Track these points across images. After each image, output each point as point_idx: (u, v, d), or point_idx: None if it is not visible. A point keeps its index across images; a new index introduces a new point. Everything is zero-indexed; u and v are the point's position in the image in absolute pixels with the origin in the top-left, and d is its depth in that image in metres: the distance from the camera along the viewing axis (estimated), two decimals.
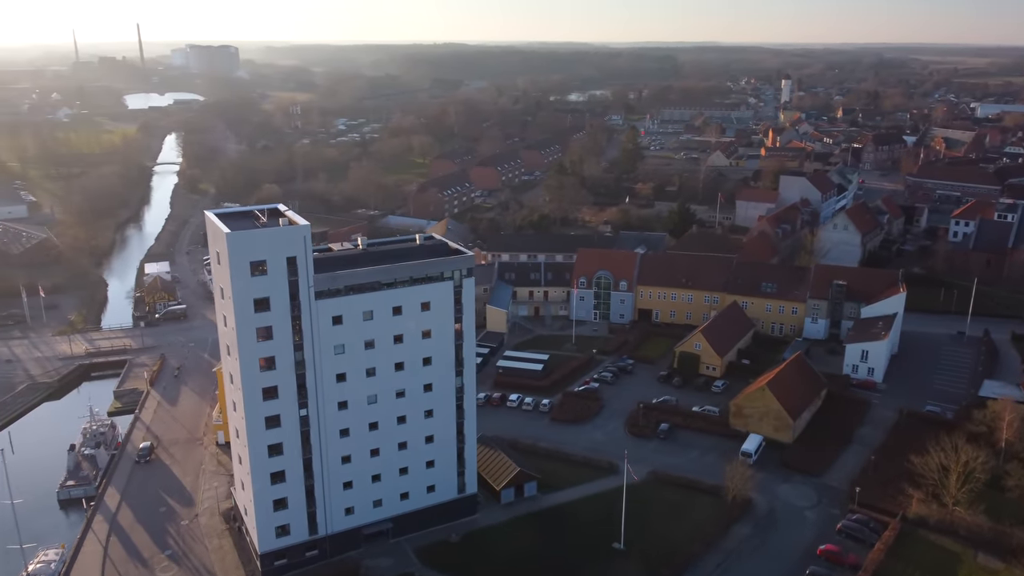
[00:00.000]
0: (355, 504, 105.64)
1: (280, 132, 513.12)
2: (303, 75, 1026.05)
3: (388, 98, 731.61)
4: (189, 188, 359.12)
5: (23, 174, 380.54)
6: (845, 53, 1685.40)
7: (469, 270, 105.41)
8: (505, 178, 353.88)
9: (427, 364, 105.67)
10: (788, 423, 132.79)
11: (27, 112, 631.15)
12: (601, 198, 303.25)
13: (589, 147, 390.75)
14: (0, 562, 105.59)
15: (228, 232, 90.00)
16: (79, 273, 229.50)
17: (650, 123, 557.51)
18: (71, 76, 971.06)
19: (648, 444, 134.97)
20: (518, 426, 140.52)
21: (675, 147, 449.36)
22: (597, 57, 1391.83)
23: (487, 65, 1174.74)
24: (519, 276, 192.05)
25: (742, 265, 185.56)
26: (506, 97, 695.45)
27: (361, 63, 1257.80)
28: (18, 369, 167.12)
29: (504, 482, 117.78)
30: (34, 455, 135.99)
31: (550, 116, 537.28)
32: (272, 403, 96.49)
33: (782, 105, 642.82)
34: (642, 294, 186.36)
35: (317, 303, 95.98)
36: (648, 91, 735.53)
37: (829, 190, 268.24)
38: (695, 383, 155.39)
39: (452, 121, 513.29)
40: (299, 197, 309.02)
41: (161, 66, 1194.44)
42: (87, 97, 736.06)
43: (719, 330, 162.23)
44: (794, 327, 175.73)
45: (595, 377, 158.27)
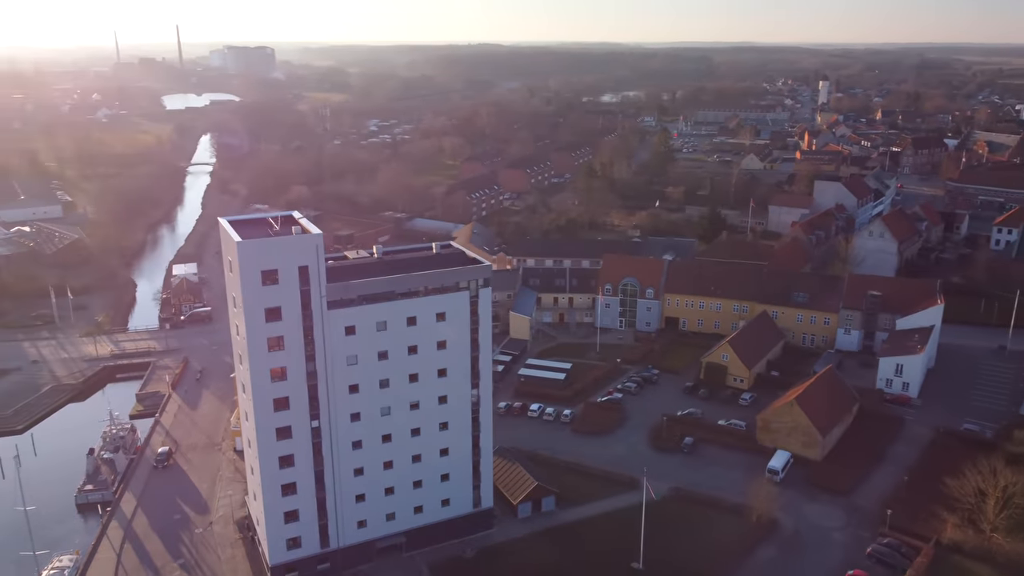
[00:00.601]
0: (368, 517, 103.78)
1: (313, 133, 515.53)
2: (338, 76, 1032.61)
3: (421, 99, 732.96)
4: (221, 189, 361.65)
5: (60, 174, 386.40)
6: (886, 53, 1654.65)
7: (486, 280, 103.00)
8: (534, 180, 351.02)
9: (442, 376, 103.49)
10: (817, 440, 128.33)
11: (68, 112, 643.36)
12: (631, 202, 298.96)
13: (620, 149, 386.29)
14: (15, 568, 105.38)
15: (239, 241, 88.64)
16: (109, 274, 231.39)
17: (683, 125, 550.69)
18: (112, 77, 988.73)
19: (671, 459, 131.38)
20: (538, 437, 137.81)
21: (708, 149, 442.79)
22: (631, 58, 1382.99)
23: (520, 66, 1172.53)
24: (544, 282, 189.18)
25: (773, 273, 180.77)
26: (538, 98, 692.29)
27: (396, 64, 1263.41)
28: (44, 370, 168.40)
29: (521, 496, 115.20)
30: (55, 457, 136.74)
31: (582, 118, 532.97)
32: (283, 414, 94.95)
33: (819, 107, 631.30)
34: (669, 302, 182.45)
35: (330, 313, 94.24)
36: (682, 92, 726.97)
37: (865, 195, 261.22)
38: (722, 395, 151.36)
39: (483, 123, 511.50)
40: (328, 199, 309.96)
41: (199, 67, 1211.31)
42: (126, 98, 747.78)
43: (747, 341, 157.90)
44: (826, 338, 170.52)
45: (619, 387, 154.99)
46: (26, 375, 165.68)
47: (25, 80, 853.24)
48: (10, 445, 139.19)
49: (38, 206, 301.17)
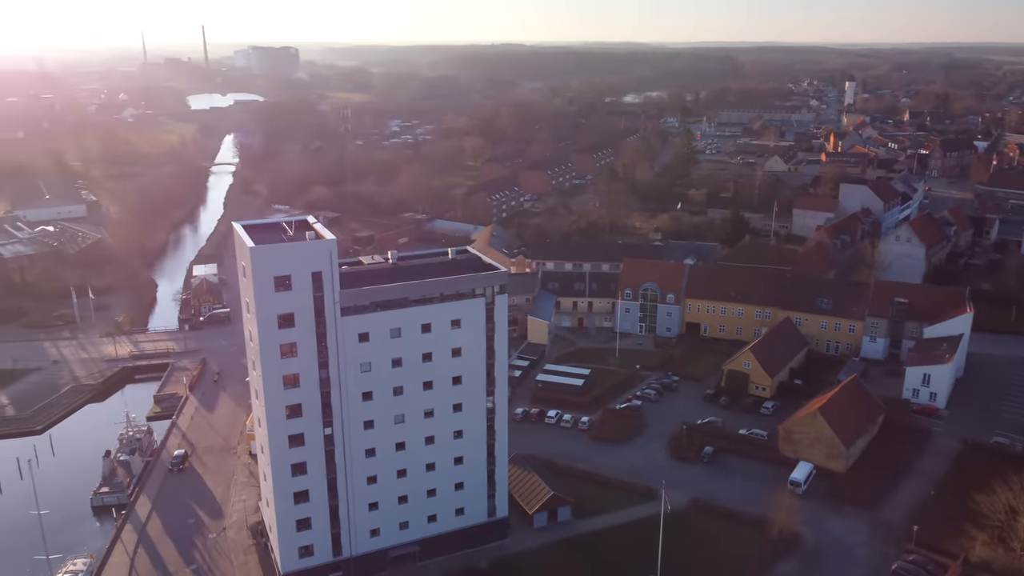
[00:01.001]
0: (381, 526, 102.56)
1: (335, 133, 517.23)
2: (361, 76, 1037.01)
3: (442, 99, 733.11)
4: (242, 189, 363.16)
5: (86, 173, 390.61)
6: (914, 53, 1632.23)
7: (502, 286, 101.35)
8: (555, 182, 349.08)
9: (457, 383, 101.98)
10: (841, 451, 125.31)
11: (95, 112, 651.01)
12: (652, 204, 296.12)
13: (642, 151, 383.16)
14: (29, 572, 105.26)
15: (252, 246, 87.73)
16: (130, 274, 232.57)
17: (706, 126, 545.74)
18: (138, 77, 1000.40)
19: (691, 468, 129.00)
20: (555, 444, 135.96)
21: (731, 151, 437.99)
22: (655, 58, 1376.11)
23: (542, 66, 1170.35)
24: (563, 286, 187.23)
25: (797, 278, 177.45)
26: (560, 98, 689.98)
27: (418, 64, 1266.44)
28: (64, 370, 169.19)
29: (537, 506, 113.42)
30: (72, 459, 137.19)
31: (603, 118, 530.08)
32: (296, 421, 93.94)
33: (845, 108, 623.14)
34: (690, 307, 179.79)
35: (343, 320, 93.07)
36: (705, 93, 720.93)
37: (892, 199, 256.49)
38: (743, 403, 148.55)
39: (504, 123, 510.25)
40: (348, 199, 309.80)
41: (224, 67, 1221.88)
42: (152, 97, 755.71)
43: (770, 348, 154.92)
44: (851, 346, 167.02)
45: (638, 394, 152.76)
46: (46, 375, 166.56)
47: (53, 80, 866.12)
48: (29, 446, 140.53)
49: (63, 205, 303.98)
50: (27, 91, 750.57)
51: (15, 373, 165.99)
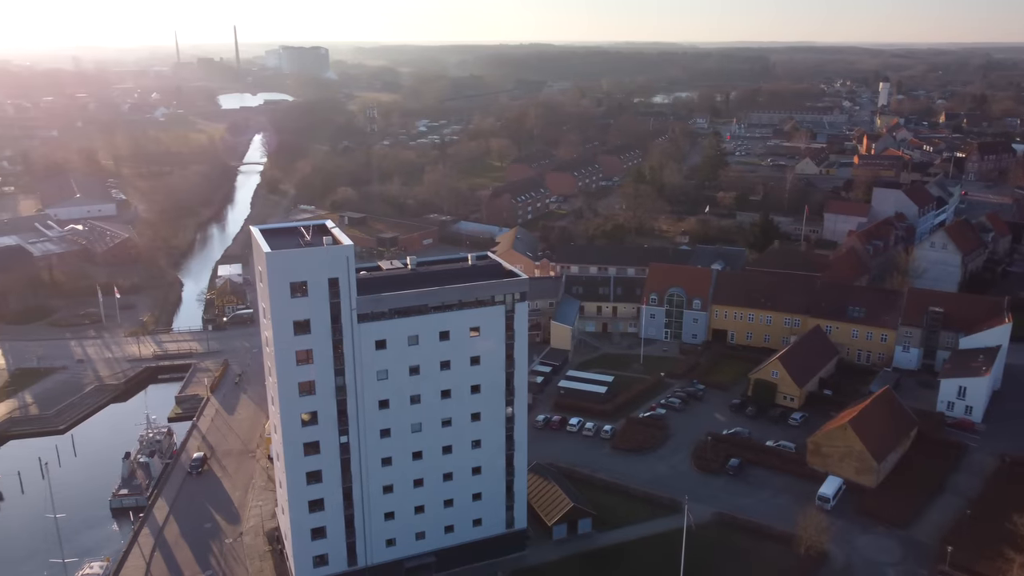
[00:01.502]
0: (397, 536, 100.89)
1: (362, 133, 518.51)
2: (389, 75, 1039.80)
3: (470, 99, 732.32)
4: (270, 189, 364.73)
5: (117, 172, 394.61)
6: (951, 53, 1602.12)
7: (523, 294, 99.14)
8: (582, 184, 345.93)
9: (475, 392, 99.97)
10: (872, 466, 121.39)
11: (128, 111, 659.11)
12: (680, 207, 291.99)
13: (670, 152, 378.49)
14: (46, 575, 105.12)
15: (268, 251, 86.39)
16: (157, 273, 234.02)
17: (736, 127, 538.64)
18: (171, 76, 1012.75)
19: (715, 481, 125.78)
20: (576, 453, 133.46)
21: (761, 153, 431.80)
22: (685, 58, 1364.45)
23: (571, 66, 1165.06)
24: (587, 290, 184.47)
25: (827, 286, 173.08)
26: (588, 99, 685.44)
27: (447, 63, 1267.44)
28: (88, 369, 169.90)
29: (556, 517, 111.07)
30: (93, 459, 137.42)
31: (632, 119, 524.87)
32: (311, 429, 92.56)
33: (879, 109, 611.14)
34: (717, 313, 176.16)
35: (360, 326, 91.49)
36: (736, 93, 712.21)
37: (927, 204, 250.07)
38: (770, 414, 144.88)
39: (532, 124, 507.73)
40: (373, 200, 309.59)
41: (255, 67, 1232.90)
42: (184, 97, 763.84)
43: (799, 357, 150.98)
44: (883, 356, 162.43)
45: (662, 402, 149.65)
46: (71, 374, 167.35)
47: (88, 79, 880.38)
48: (52, 445, 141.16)
49: (93, 204, 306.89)
50: (63, 90, 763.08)
51: (40, 372, 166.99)
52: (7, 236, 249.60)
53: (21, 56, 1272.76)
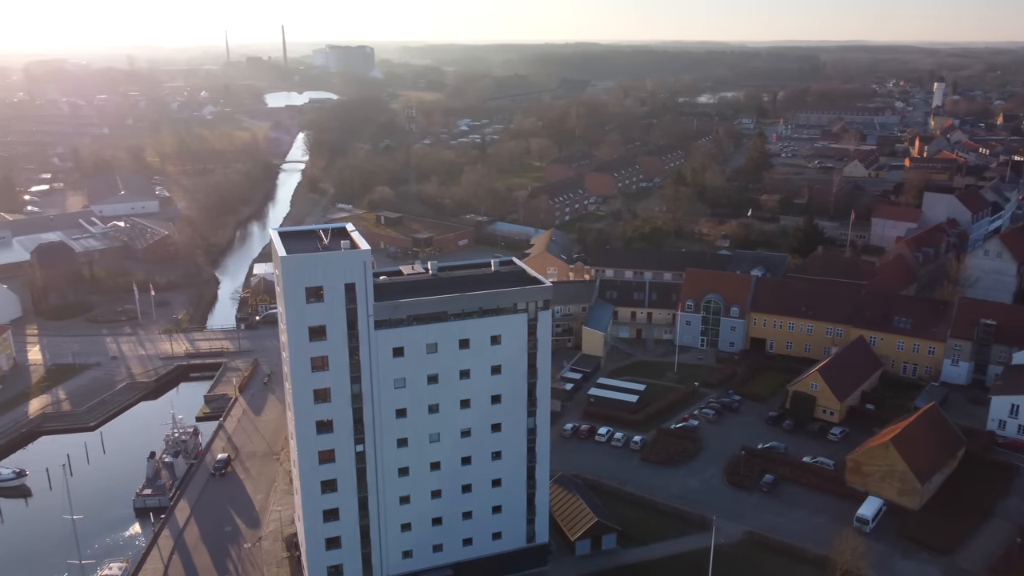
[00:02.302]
0: (413, 547, 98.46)
1: (403, 132, 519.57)
2: (434, 74, 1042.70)
3: (513, 99, 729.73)
4: (310, 187, 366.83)
5: (162, 169, 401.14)
6: (1010, 52, 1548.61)
7: (546, 302, 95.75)
8: (621, 185, 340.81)
9: (496, 402, 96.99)
10: (915, 487, 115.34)
11: (176, 109, 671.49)
12: (722, 209, 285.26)
13: (712, 154, 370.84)
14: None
15: (283, 255, 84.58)
16: (194, 271, 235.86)
17: (783, 128, 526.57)
18: (220, 75, 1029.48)
19: (748, 498, 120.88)
20: (604, 464, 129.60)
21: (808, 154, 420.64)
22: (732, 57, 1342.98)
23: (617, 65, 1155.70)
24: (621, 295, 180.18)
25: (872, 294, 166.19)
26: (632, 98, 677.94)
27: (492, 63, 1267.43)
28: (121, 366, 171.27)
29: (580, 532, 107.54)
30: (121, 457, 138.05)
31: (675, 120, 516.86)
32: (326, 437, 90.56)
33: (933, 110, 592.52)
34: (755, 321, 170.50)
35: (377, 333, 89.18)
36: (784, 93, 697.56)
37: (982, 209, 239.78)
38: (809, 428, 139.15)
39: (573, 124, 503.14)
40: (411, 200, 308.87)
41: (303, 65, 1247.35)
42: (232, 95, 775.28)
43: (840, 369, 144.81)
44: (930, 370, 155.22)
45: (695, 413, 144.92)
46: (104, 371, 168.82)
47: (141, 78, 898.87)
48: (82, 442, 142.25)
49: (136, 201, 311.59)
50: (116, 88, 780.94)
51: (75, 368, 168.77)
52: (51, 232, 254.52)
53: (78, 55, 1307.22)
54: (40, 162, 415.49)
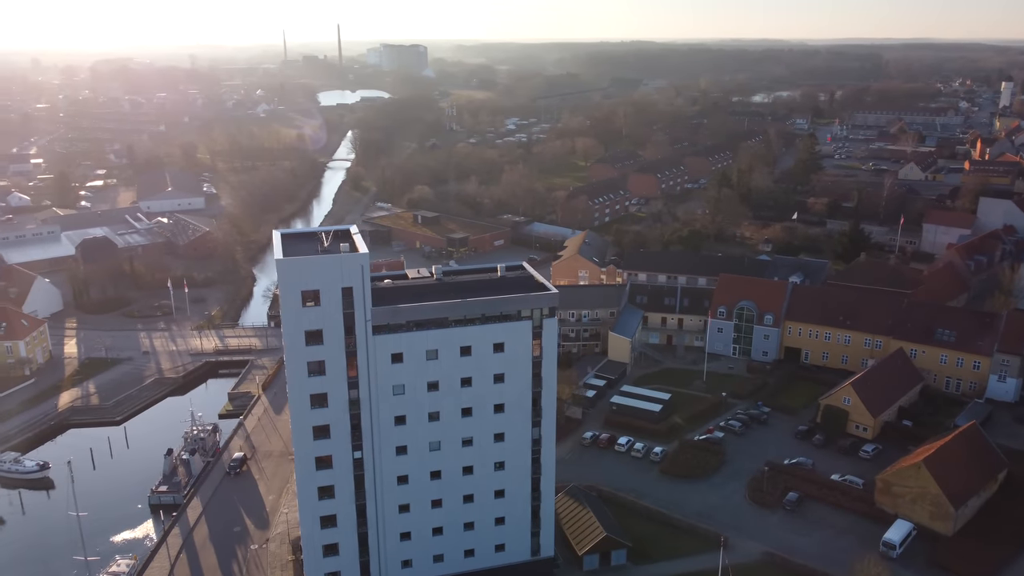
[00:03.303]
0: (413, 557, 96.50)
1: (449, 131, 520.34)
2: (486, 73, 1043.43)
3: (563, 97, 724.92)
4: (353, 185, 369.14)
5: (213, 167, 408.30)
6: None
7: (552, 309, 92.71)
8: (665, 186, 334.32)
9: (499, 411, 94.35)
10: (948, 511, 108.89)
11: (232, 107, 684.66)
12: (767, 212, 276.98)
13: (760, 155, 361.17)
14: (71, 572, 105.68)
15: (279, 258, 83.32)
16: (232, 267, 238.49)
17: (838, 128, 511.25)
18: (277, 74, 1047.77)
19: (770, 516, 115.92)
20: (621, 476, 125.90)
21: (863, 156, 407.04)
22: (791, 55, 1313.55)
23: (670, 64, 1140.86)
24: (652, 300, 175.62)
25: (915, 305, 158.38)
26: (683, 98, 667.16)
27: (545, 61, 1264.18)
28: (151, 361, 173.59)
29: (588, 547, 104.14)
30: (143, 453, 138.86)
31: (725, 119, 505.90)
32: (323, 443, 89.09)
33: (999, 111, 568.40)
34: (790, 330, 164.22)
35: (375, 338, 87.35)
36: (841, 92, 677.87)
37: None
38: (840, 444, 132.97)
39: (621, 123, 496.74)
40: (450, 199, 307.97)
41: (357, 64, 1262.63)
42: (286, 93, 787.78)
43: (876, 383, 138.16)
44: (975, 385, 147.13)
45: (721, 424, 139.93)
46: (135, 366, 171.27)
47: (200, 77, 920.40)
48: (108, 436, 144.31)
49: (183, 197, 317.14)
50: (176, 87, 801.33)
51: (107, 362, 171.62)
52: (98, 227, 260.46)
53: (144, 55, 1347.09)
54: (97, 158, 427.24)
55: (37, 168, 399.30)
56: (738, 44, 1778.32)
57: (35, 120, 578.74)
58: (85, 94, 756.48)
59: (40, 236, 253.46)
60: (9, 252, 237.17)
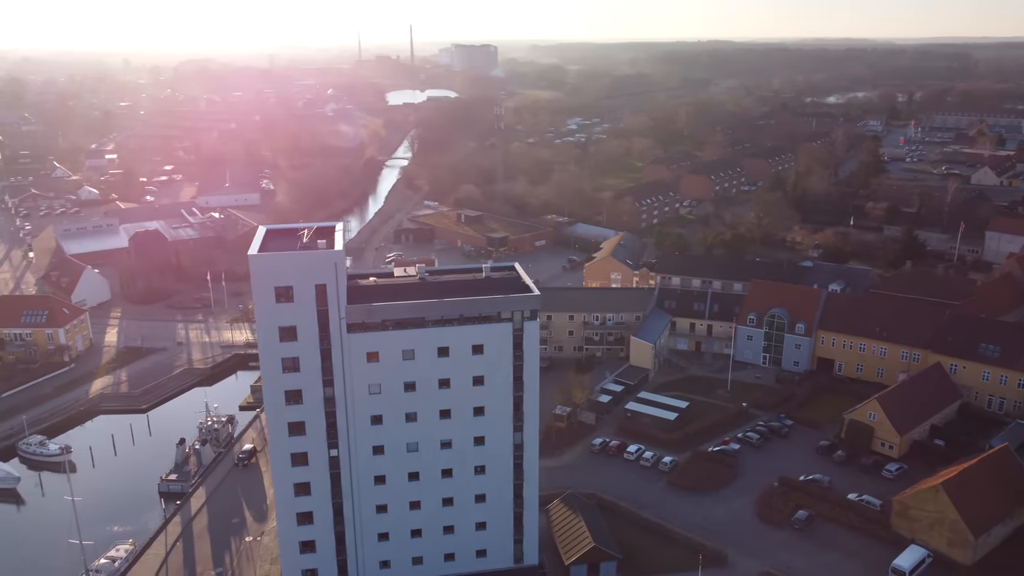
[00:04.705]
0: (392, 558, 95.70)
1: (509, 130, 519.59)
2: (556, 73, 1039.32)
3: (628, 97, 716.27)
4: (407, 184, 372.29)
5: (274, 163, 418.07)
6: None
7: (533, 312, 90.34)
8: (720, 188, 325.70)
9: (479, 415, 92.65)
10: (967, 539, 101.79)
11: (302, 106, 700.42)
12: (823, 217, 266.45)
13: (821, 157, 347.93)
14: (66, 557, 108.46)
15: (251, 253, 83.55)
16: None
17: (913, 131, 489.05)
18: (350, 73, 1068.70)
19: (777, 534, 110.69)
20: (626, 485, 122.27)
21: (936, 160, 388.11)
22: (874, 55, 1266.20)
23: (745, 63, 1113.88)
24: (680, 304, 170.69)
25: (959, 317, 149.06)
26: (752, 98, 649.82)
27: (618, 61, 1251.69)
28: (184, 353, 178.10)
29: (574, 557, 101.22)
30: (162, 441, 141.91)
31: (790, 120, 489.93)
32: (299, 439, 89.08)
33: None
34: (823, 340, 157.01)
35: (350, 336, 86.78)
36: (922, 94, 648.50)
37: None
38: (863, 462, 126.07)
39: (683, 123, 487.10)
40: (497, 199, 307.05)
41: (429, 64, 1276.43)
42: (356, 93, 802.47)
43: (906, 398, 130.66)
44: (1020, 404, 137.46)
45: (738, 436, 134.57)
46: (167, 356, 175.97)
47: (276, 77, 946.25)
48: (134, 423, 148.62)
49: (239, 193, 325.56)
50: (252, 86, 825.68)
51: (141, 351, 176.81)
52: (153, 221, 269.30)
53: (226, 56, 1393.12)
54: (166, 154, 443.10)
55: (111, 163, 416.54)
56: (820, 43, 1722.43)
57: (116, 117, 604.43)
58: (167, 93, 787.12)
59: (100, 228, 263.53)
60: (69, 243, 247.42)
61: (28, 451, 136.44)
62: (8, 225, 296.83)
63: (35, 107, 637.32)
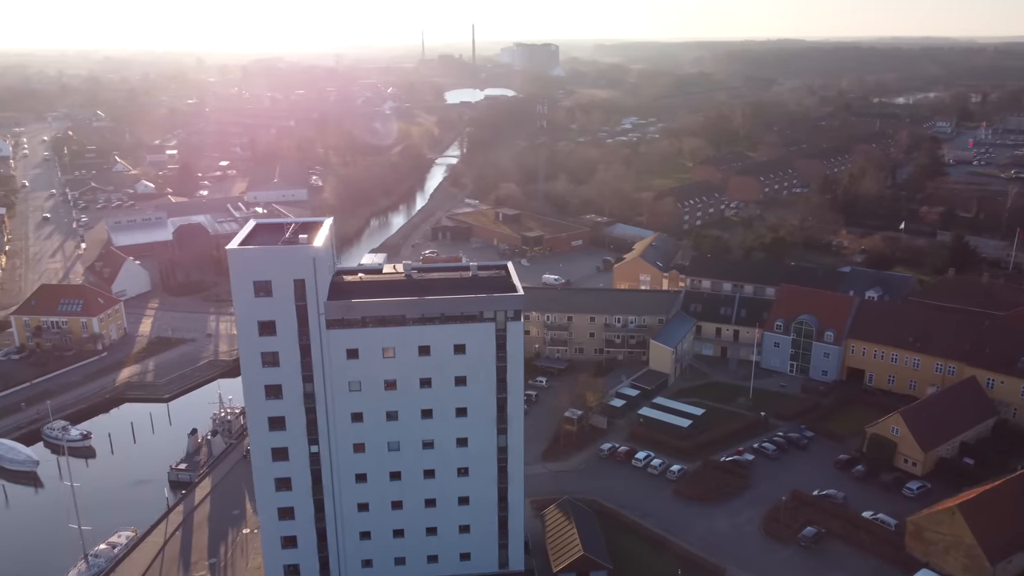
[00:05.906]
0: (374, 557, 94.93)
1: (564, 129, 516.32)
2: (617, 72, 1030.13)
3: (687, 96, 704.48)
4: (453, 182, 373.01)
5: (326, 160, 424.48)
6: None
7: (517, 312, 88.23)
8: (770, 189, 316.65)
9: (462, 415, 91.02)
10: (983, 565, 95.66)
11: (361, 104, 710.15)
12: (874, 220, 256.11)
13: (876, 159, 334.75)
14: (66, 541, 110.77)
15: (229, 247, 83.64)
16: None
17: (984, 133, 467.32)
18: (412, 72, 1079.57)
19: (782, 551, 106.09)
20: (631, 492, 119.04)
21: (1005, 163, 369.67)
22: (951, 54, 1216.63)
23: (812, 62, 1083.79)
24: (706, 309, 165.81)
25: (998, 328, 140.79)
26: (816, 97, 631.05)
27: (682, 60, 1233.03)
28: (211, 344, 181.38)
29: (562, 565, 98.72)
30: (181, 430, 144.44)
31: (848, 121, 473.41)
32: (279, 434, 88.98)
33: None
34: (854, 349, 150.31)
35: (330, 333, 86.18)
36: (998, 94, 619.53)
37: None
38: (883, 479, 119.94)
39: (739, 123, 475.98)
40: (538, 198, 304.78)
41: (490, 63, 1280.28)
42: (415, 92, 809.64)
43: (933, 413, 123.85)
44: None
45: (754, 446, 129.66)
46: (195, 347, 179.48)
47: (339, 75, 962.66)
48: (156, 412, 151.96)
49: (287, 189, 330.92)
50: (316, 84, 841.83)
51: (170, 342, 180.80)
52: (199, 215, 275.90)
53: (293, 55, 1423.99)
54: (223, 150, 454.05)
55: (170, 158, 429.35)
56: (895, 42, 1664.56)
57: (182, 114, 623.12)
58: (233, 91, 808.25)
59: (148, 221, 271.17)
60: (118, 235, 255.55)
61: (51, 436, 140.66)
62: (67, 217, 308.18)
63: (107, 104, 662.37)
